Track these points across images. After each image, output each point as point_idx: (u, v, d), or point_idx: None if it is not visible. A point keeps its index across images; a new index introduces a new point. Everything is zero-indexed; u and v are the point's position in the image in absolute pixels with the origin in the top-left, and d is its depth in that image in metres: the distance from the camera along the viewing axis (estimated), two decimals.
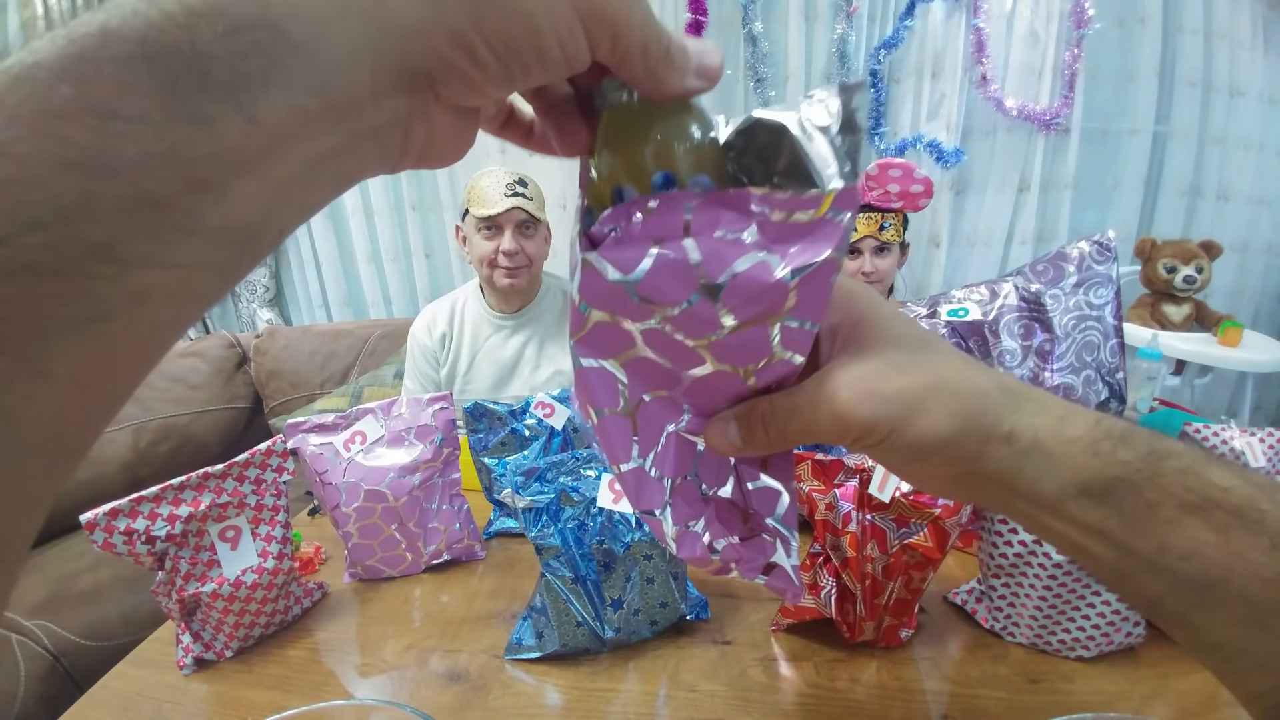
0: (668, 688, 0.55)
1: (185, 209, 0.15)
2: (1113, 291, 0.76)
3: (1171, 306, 1.98)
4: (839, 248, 0.24)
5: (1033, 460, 0.26)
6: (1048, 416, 0.27)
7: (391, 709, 0.35)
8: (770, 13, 2.11)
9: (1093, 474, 0.26)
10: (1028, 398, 0.27)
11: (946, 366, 0.27)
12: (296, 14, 0.16)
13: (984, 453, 0.26)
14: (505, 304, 1.44)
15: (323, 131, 0.17)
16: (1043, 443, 0.26)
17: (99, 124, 0.13)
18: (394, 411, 0.75)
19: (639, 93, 0.24)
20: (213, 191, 0.15)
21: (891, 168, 1.39)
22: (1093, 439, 0.26)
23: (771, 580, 0.33)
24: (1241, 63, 2.11)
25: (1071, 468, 0.26)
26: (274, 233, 0.18)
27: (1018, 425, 0.26)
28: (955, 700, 0.52)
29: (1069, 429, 0.26)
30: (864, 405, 0.26)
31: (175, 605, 0.59)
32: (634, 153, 0.25)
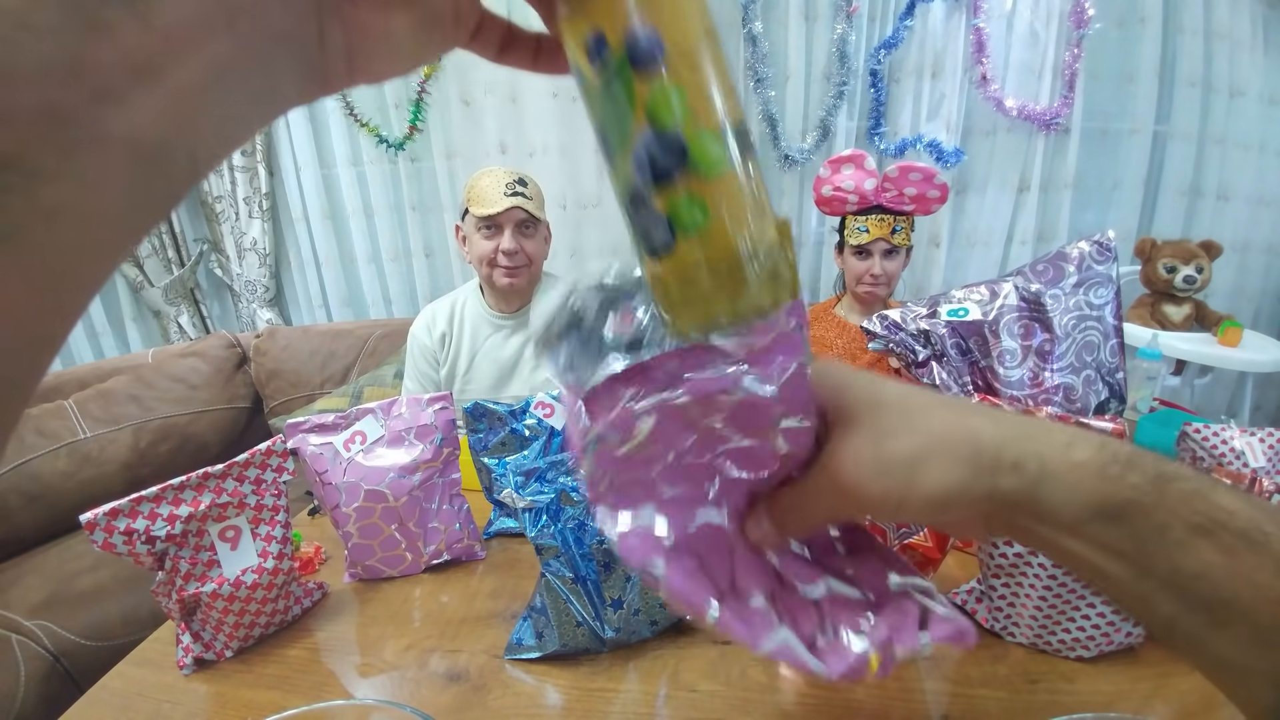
0: (668, 688, 0.55)
1: (90, 118, 0.15)
2: (1113, 291, 0.76)
3: (1171, 306, 1.98)
4: (805, 354, 0.28)
5: (1047, 485, 0.27)
6: (1051, 444, 0.28)
7: (391, 709, 0.35)
8: (770, 13, 2.11)
9: (1105, 496, 0.26)
10: (1027, 430, 0.28)
11: (937, 420, 0.29)
12: None
13: (997, 486, 0.27)
14: (505, 304, 1.44)
15: (222, 32, 0.17)
16: (1051, 468, 0.27)
17: (9, 33, 0.14)
18: (394, 411, 0.75)
19: None
20: (115, 99, 0.15)
21: (913, 171, 1.39)
22: (1100, 463, 0.27)
23: (936, 631, 0.32)
24: (1241, 63, 2.11)
25: (1084, 490, 0.26)
26: (186, 153, 0.18)
27: (1021, 455, 0.27)
28: (955, 700, 0.52)
29: (1075, 453, 0.27)
30: (870, 482, 0.28)
31: (175, 605, 0.59)
32: None
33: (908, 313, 0.78)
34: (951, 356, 0.75)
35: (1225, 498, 0.26)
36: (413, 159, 2.35)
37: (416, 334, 1.48)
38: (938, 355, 0.75)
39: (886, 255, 1.47)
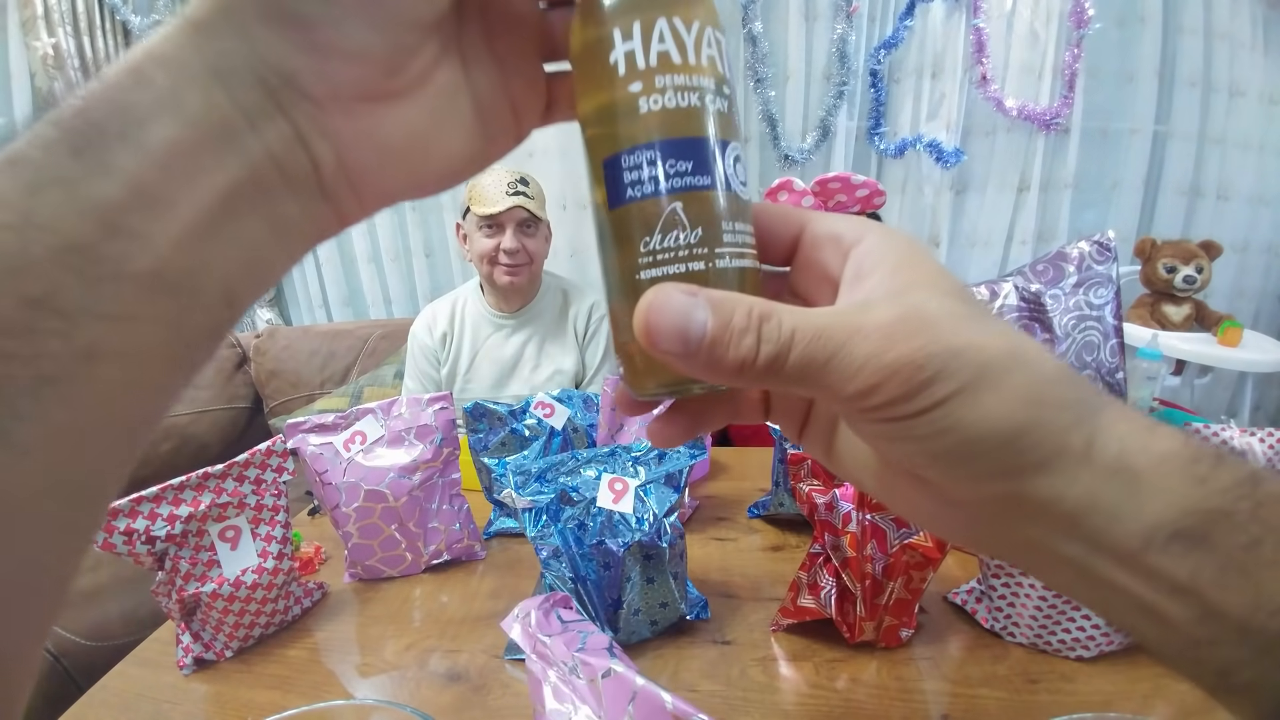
0: (668, 688, 0.55)
1: (110, 255, 0.16)
2: (1113, 291, 0.76)
3: (1171, 306, 1.98)
4: None
5: (1115, 487, 0.19)
6: (1132, 423, 0.19)
7: (391, 709, 0.35)
8: (770, 13, 2.11)
9: (1191, 506, 0.19)
10: (1106, 399, 0.20)
11: (1019, 335, 0.20)
12: (148, 56, 0.17)
13: (1051, 468, 0.19)
14: (505, 303, 1.44)
15: (212, 162, 0.18)
16: (1131, 461, 0.19)
17: (27, 192, 0.15)
18: (394, 411, 0.75)
19: None
20: (130, 235, 0.16)
21: (830, 181, 1.40)
22: (1190, 455, 0.19)
23: None
24: (1241, 63, 2.11)
25: (1166, 498, 0.19)
26: (216, 286, 0.18)
27: (1099, 434, 0.19)
28: (955, 700, 0.52)
29: (1160, 441, 0.19)
30: (923, 345, 0.18)
31: (175, 605, 0.59)
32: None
33: None
34: None
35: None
36: None
37: (417, 333, 1.48)
38: None
39: None
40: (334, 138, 0.20)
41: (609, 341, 1.48)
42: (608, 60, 0.21)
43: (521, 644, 0.42)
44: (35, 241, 0.15)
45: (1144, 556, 0.19)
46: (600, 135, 0.22)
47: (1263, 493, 0.19)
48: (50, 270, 0.15)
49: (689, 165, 0.21)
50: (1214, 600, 0.18)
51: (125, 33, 2.20)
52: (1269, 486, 0.19)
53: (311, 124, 0.19)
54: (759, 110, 2.16)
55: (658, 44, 0.21)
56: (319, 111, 0.19)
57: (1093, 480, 0.19)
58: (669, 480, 0.60)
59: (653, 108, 0.21)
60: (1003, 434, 0.19)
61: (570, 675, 0.39)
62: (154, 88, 0.17)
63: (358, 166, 0.21)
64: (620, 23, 0.21)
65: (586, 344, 1.49)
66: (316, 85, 0.19)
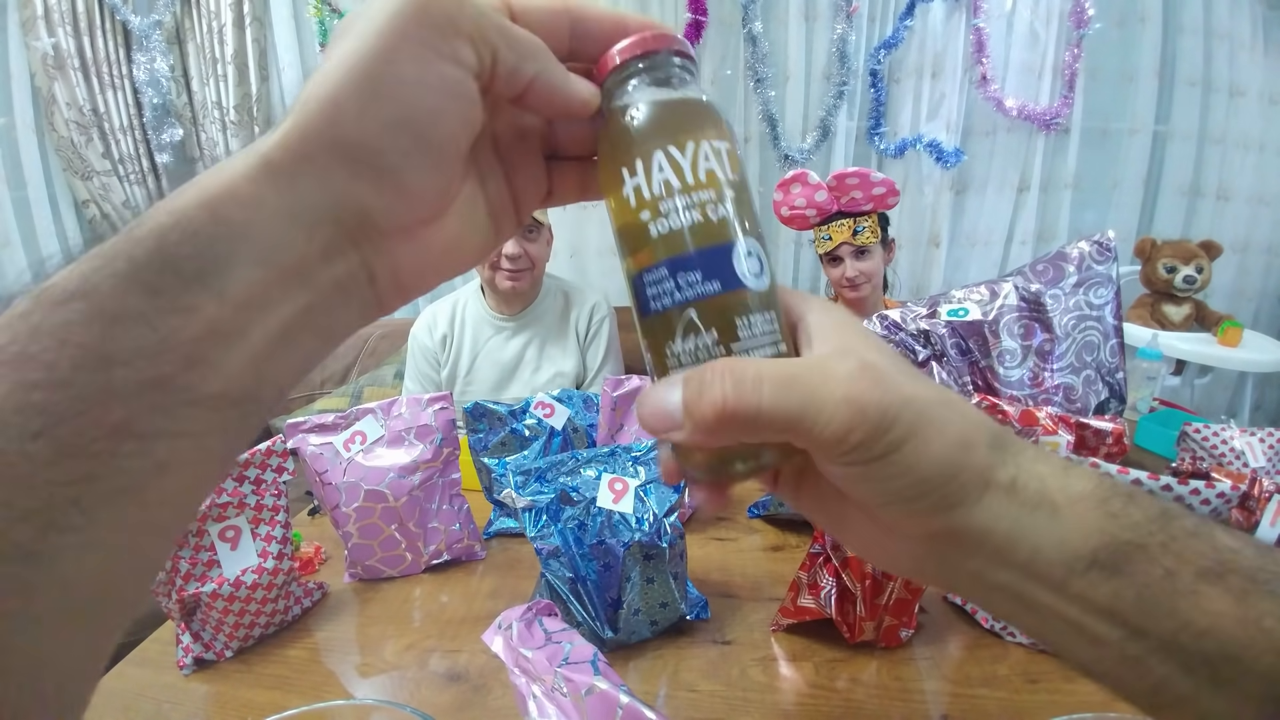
0: (668, 688, 0.55)
1: (185, 384, 0.18)
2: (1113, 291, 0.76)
3: (1171, 306, 1.98)
4: None
5: (1038, 520, 0.21)
6: (1050, 465, 0.22)
7: (391, 709, 0.35)
8: (770, 13, 2.11)
9: (1106, 538, 0.21)
10: (1022, 442, 0.23)
11: (944, 388, 0.23)
12: (225, 193, 0.19)
13: (980, 503, 0.22)
14: (506, 306, 1.44)
15: (282, 297, 0.20)
16: (1050, 496, 0.22)
17: (104, 328, 0.17)
18: (394, 411, 0.75)
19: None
20: (205, 365, 0.18)
21: (848, 177, 1.40)
22: (1102, 494, 0.22)
23: None
24: (1241, 63, 2.11)
25: (1082, 531, 0.21)
26: (272, 391, 0.21)
27: (1021, 471, 0.22)
28: (955, 700, 0.52)
29: (1075, 481, 0.22)
30: (884, 393, 0.21)
31: (175, 605, 0.59)
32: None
33: (908, 313, 0.78)
34: (951, 356, 0.75)
35: (1226, 537, 0.22)
36: None
37: (417, 335, 1.48)
38: (938, 355, 0.75)
39: (857, 256, 1.48)
40: (391, 257, 0.23)
41: (609, 343, 1.49)
42: (622, 194, 0.24)
43: (503, 658, 0.42)
44: (116, 377, 0.17)
45: (1068, 583, 0.21)
46: (626, 256, 0.25)
47: (1175, 528, 0.21)
48: (131, 401, 0.17)
49: (697, 276, 0.23)
50: (1137, 623, 0.21)
51: (125, 33, 2.20)
52: (1181, 523, 0.22)
53: (376, 252, 0.22)
54: (759, 110, 2.16)
55: (658, 174, 0.23)
56: (384, 240, 0.22)
57: (1019, 513, 0.21)
58: None
59: (661, 231, 0.23)
60: (944, 473, 0.21)
61: (554, 692, 0.39)
62: (231, 226, 0.19)
63: (407, 274, 0.24)
64: (625, 161, 0.23)
65: (587, 346, 1.48)
66: (387, 220, 0.22)
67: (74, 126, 2.15)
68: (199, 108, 2.31)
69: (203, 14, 2.20)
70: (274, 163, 0.20)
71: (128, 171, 2.26)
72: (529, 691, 0.40)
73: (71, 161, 2.18)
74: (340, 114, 0.20)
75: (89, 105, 2.16)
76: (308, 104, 0.20)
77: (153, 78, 2.19)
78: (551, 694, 0.39)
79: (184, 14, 2.23)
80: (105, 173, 2.22)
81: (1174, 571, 0.21)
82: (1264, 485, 0.54)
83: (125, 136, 2.24)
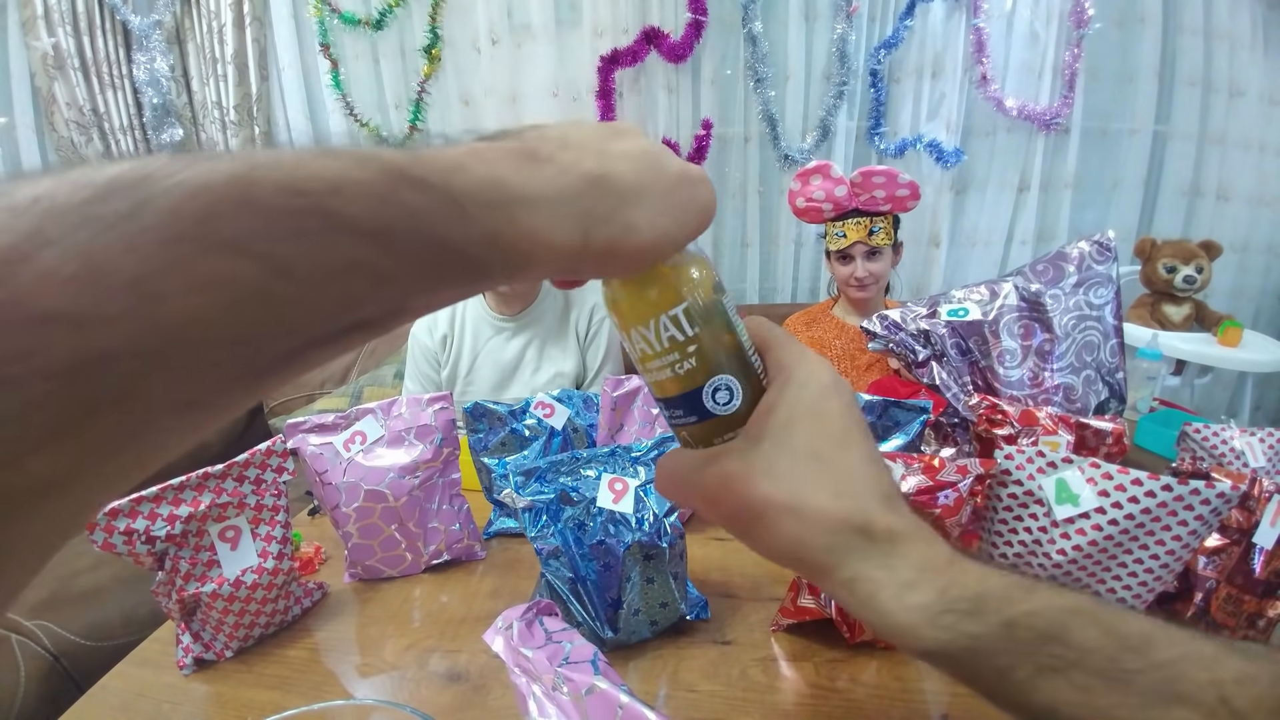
0: (668, 688, 0.55)
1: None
2: (1113, 291, 0.76)
3: (1171, 306, 1.98)
4: None
5: (871, 616, 0.27)
6: (896, 576, 0.27)
7: (391, 709, 0.35)
8: (770, 13, 2.11)
9: (936, 645, 0.26)
10: (892, 547, 0.27)
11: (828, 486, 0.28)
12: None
13: (822, 583, 0.28)
14: (506, 306, 1.44)
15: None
16: (880, 604, 0.26)
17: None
18: (394, 411, 0.75)
19: None
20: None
21: (875, 175, 1.39)
22: (936, 611, 0.26)
23: None
24: (1241, 63, 2.11)
25: (914, 634, 0.26)
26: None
27: (859, 576, 0.27)
28: (955, 700, 0.52)
29: (912, 596, 0.26)
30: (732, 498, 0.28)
31: (175, 605, 0.59)
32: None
33: (908, 313, 0.78)
34: (951, 356, 0.75)
35: (1086, 632, 0.25)
36: None
37: (417, 335, 1.47)
38: (938, 355, 0.75)
39: (869, 257, 1.47)
40: None
41: (609, 343, 1.49)
42: (630, 345, 0.31)
43: (504, 657, 0.42)
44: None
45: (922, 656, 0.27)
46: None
47: (1019, 635, 0.25)
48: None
49: (680, 411, 0.31)
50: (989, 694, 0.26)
51: (125, 33, 2.20)
52: (1031, 624, 0.25)
53: None
54: (759, 110, 2.16)
55: (638, 344, 0.30)
56: None
57: (853, 607, 0.27)
58: None
59: (652, 380, 0.31)
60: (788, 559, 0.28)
61: (554, 691, 0.39)
62: None
63: None
64: (622, 329, 0.31)
65: (587, 346, 1.48)
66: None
67: (74, 126, 2.15)
68: (199, 108, 2.31)
69: (203, 14, 2.20)
70: None
71: None
72: (529, 691, 0.40)
73: (71, 161, 2.18)
74: None
75: (89, 105, 2.16)
76: None
77: (153, 78, 2.19)
78: (552, 694, 0.39)
79: (184, 14, 2.23)
80: None
81: (1010, 669, 0.25)
82: (1264, 485, 0.54)
83: (125, 136, 2.24)
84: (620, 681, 0.39)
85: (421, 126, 2.28)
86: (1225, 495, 0.48)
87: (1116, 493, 0.49)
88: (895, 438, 0.68)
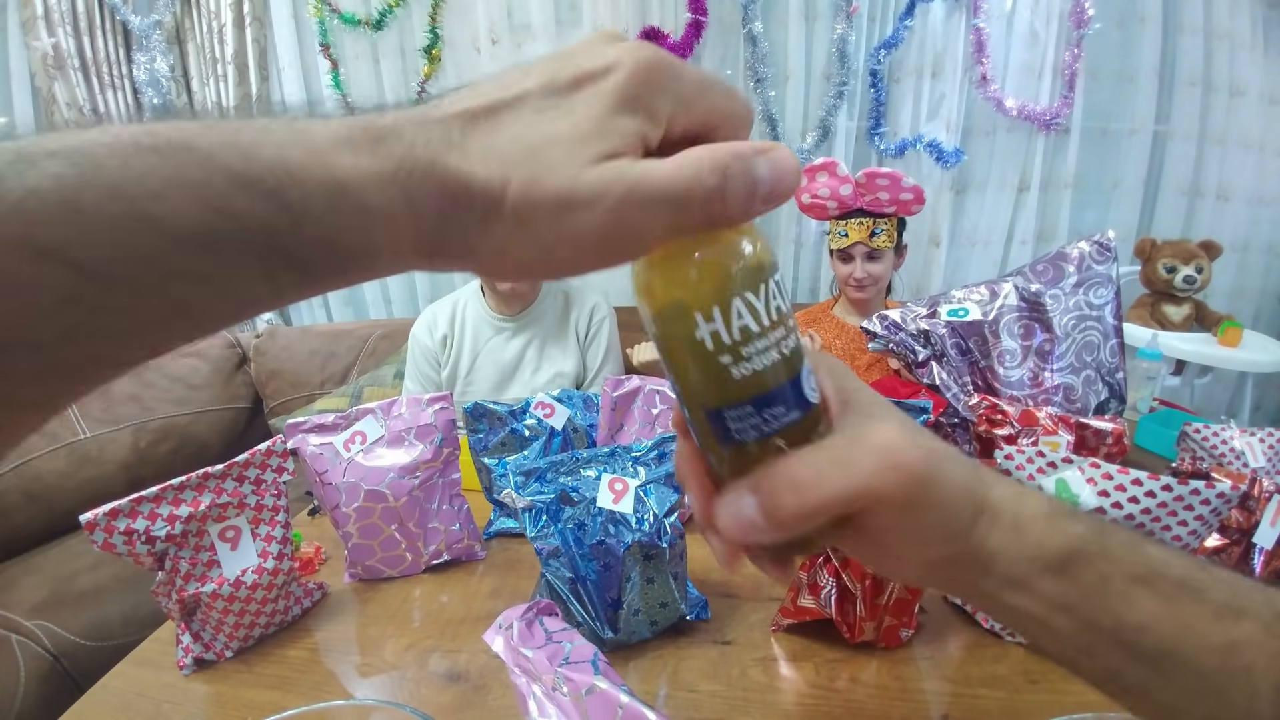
0: (668, 688, 0.55)
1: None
2: (1113, 291, 0.76)
3: (1171, 306, 1.98)
4: None
5: (1008, 536, 0.26)
6: (1010, 490, 0.27)
7: (391, 709, 0.35)
8: (770, 13, 2.11)
9: (1055, 547, 0.26)
10: (991, 474, 0.28)
11: (926, 434, 0.27)
12: None
13: (973, 530, 0.26)
14: (506, 306, 1.44)
15: None
16: (1015, 517, 0.27)
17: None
18: (394, 411, 0.75)
19: None
20: None
21: (879, 177, 1.38)
22: (1049, 512, 0.27)
23: None
24: (1241, 63, 2.11)
25: (1037, 541, 0.26)
26: None
27: (995, 499, 0.27)
28: (955, 700, 0.52)
29: (1028, 504, 0.27)
30: (915, 453, 0.24)
31: (175, 605, 0.59)
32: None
33: (908, 313, 0.78)
34: (951, 356, 0.75)
35: (1158, 550, 0.26)
36: None
37: (418, 335, 1.48)
38: (938, 355, 0.75)
39: (869, 258, 1.46)
40: None
41: (609, 343, 1.49)
42: (695, 337, 0.23)
43: (504, 657, 0.42)
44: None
45: (1028, 582, 0.26)
46: (696, 391, 0.25)
47: (1109, 540, 0.26)
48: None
49: (781, 409, 0.24)
50: (1086, 616, 0.26)
51: (125, 33, 2.20)
52: (1116, 536, 0.26)
53: None
54: (759, 110, 2.16)
55: (737, 320, 0.23)
56: None
57: (996, 535, 0.26)
58: (669, 480, 0.60)
59: (744, 373, 0.23)
60: (958, 510, 0.26)
61: (554, 691, 0.39)
62: None
63: None
64: (699, 306, 0.23)
65: (587, 346, 1.48)
66: None
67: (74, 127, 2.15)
68: (199, 108, 2.30)
69: (203, 14, 2.20)
70: None
71: None
72: (529, 691, 0.40)
73: None
74: None
75: (89, 105, 2.16)
76: None
77: (153, 78, 2.19)
78: (552, 694, 0.39)
79: (184, 14, 2.23)
80: None
81: (1109, 576, 0.26)
82: (1264, 485, 0.54)
83: None
84: (620, 681, 0.39)
85: None
86: (1225, 495, 0.48)
87: (1116, 493, 0.49)
88: None
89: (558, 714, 0.38)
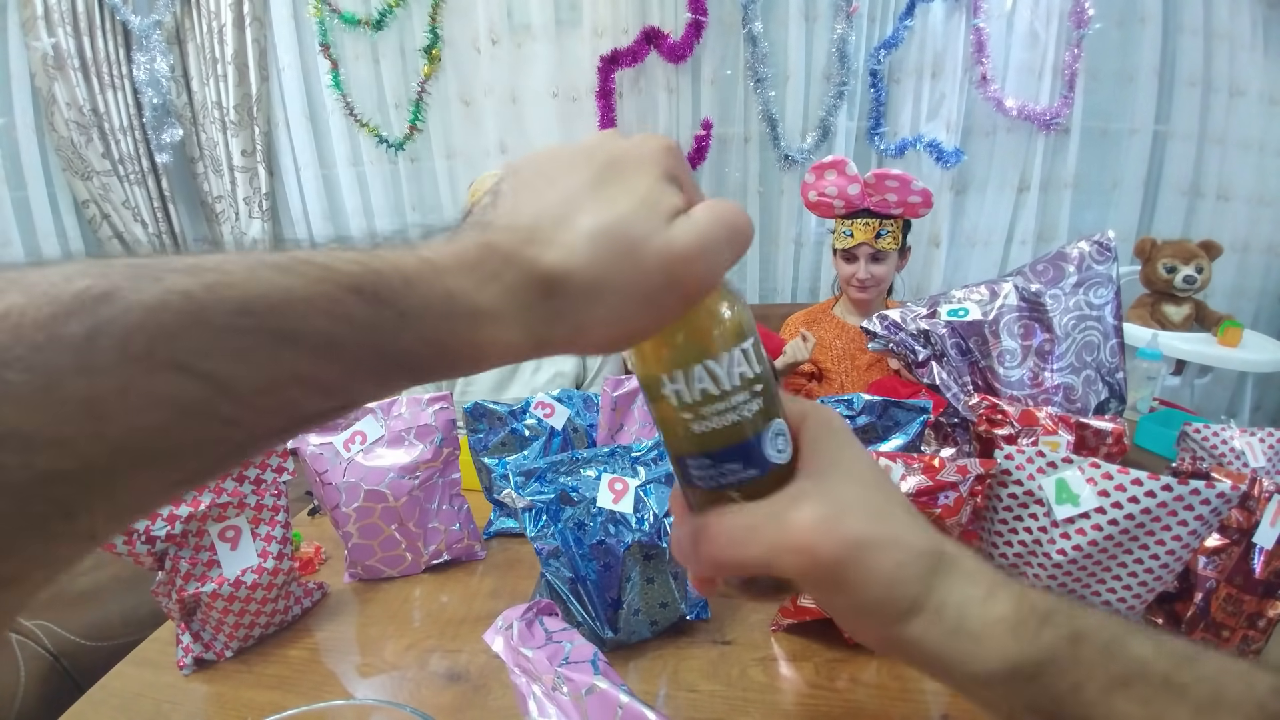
0: (668, 688, 0.55)
1: None
2: (1113, 291, 0.76)
3: (1171, 306, 1.98)
4: None
5: (960, 641, 0.26)
6: (976, 590, 0.27)
7: (391, 709, 0.35)
8: (770, 13, 2.11)
9: (1021, 657, 0.26)
10: (958, 564, 0.27)
11: (899, 516, 0.27)
12: None
13: (906, 625, 0.26)
14: None
15: None
16: (969, 623, 0.26)
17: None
18: (394, 411, 0.75)
19: None
20: None
21: (889, 178, 1.38)
22: (1017, 619, 0.26)
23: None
24: (1241, 63, 2.11)
25: (1000, 650, 0.26)
26: None
27: (947, 599, 0.26)
28: (955, 700, 0.52)
29: (994, 607, 0.26)
30: (831, 541, 0.25)
31: (175, 605, 0.59)
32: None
33: (908, 313, 0.78)
34: (951, 356, 0.75)
35: (1141, 646, 0.26)
36: (413, 159, 2.35)
37: None
38: (938, 355, 0.75)
39: (873, 259, 1.46)
40: None
41: None
42: (661, 392, 0.26)
43: (504, 657, 0.42)
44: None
45: (993, 685, 0.26)
46: (666, 437, 0.28)
47: (1085, 646, 0.26)
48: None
49: (737, 465, 0.26)
50: (1058, 717, 0.25)
51: (125, 33, 2.20)
52: (1096, 638, 0.26)
53: None
54: (759, 110, 2.16)
55: (698, 384, 0.25)
56: None
57: (942, 635, 0.26)
58: (669, 480, 0.60)
59: (703, 430, 0.26)
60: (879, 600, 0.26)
61: (554, 691, 0.39)
62: None
63: None
64: (665, 369, 0.26)
65: None
66: None
67: (74, 126, 2.15)
68: (199, 108, 2.31)
69: (203, 14, 2.20)
70: None
71: (128, 171, 2.26)
72: (529, 691, 0.40)
73: (71, 161, 2.18)
74: None
75: (89, 105, 2.16)
76: None
77: (153, 78, 2.19)
78: (552, 693, 0.39)
79: (184, 14, 2.23)
80: (105, 173, 2.22)
81: (1081, 684, 0.25)
82: (1264, 485, 0.54)
83: (125, 136, 2.24)
84: (620, 681, 0.39)
85: (421, 127, 2.28)
86: (1225, 495, 0.48)
87: (1116, 493, 0.49)
88: (895, 438, 0.68)
89: (558, 714, 0.38)
